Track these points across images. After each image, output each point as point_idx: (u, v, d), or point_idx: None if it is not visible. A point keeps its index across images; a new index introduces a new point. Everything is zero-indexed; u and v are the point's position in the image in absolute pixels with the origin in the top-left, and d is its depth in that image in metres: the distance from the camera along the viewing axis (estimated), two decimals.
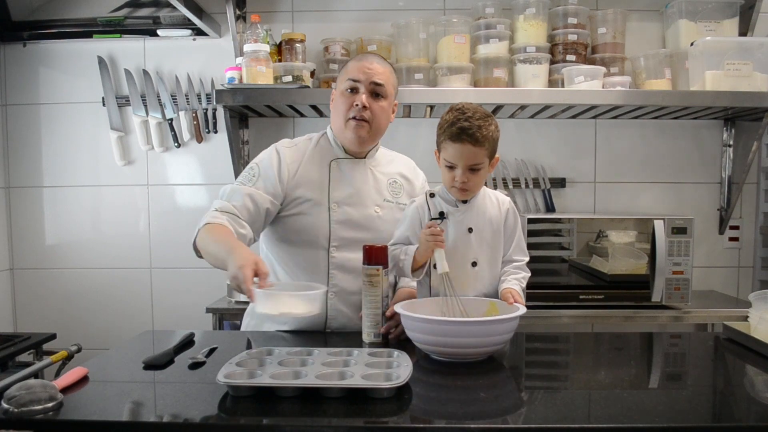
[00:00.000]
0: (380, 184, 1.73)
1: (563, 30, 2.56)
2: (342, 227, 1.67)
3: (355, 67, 1.67)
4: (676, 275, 2.30)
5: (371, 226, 1.69)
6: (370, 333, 1.53)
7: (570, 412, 1.12)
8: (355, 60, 1.70)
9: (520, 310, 1.40)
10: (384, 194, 1.73)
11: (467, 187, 1.53)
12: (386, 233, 1.67)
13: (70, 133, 2.78)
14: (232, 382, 1.15)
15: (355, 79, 1.64)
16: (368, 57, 1.70)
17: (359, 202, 1.69)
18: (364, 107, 1.63)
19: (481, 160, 1.50)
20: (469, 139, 1.47)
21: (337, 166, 1.71)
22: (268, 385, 1.14)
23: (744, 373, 1.40)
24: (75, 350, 1.84)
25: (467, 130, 1.47)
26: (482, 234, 1.58)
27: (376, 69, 1.66)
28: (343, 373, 1.21)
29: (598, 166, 2.76)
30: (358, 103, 1.63)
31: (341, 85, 1.68)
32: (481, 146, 1.48)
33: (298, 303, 1.33)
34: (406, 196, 1.76)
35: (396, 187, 1.76)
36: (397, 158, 1.84)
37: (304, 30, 2.58)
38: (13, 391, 1.06)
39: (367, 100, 1.64)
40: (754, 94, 2.34)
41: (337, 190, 1.69)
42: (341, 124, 1.67)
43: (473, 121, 1.47)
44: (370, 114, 1.65)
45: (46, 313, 2.81)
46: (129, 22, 2.67)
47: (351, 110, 1.64)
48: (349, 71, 1.67)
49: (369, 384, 1.14)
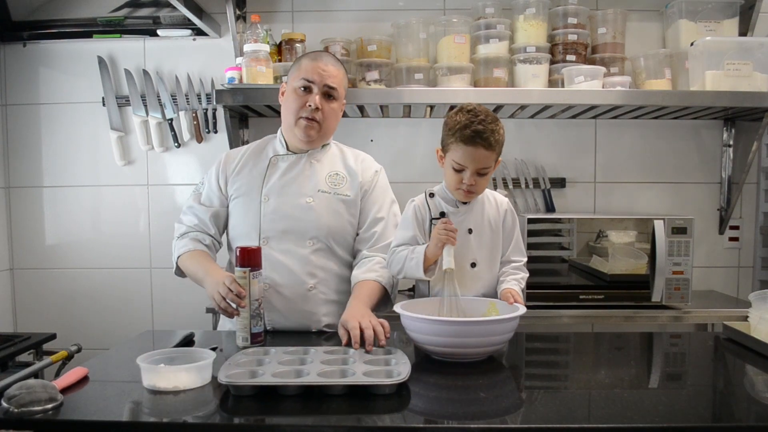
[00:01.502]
0: (317, 175, 1.74)
1: (563, 30, 2.56)
2: (271, 218, 1.69)
3: (310, 66, 1.68)
4: (676, 275, 2.30)
5: (301, 216, 1.69)
6: (240, 336, 1.50)
7: (570, 412, 1.12)
8: (310, 58, 1.70)
9: (520, 310, 1.40)
10: (319, 185, 1.73)
11: (474, 190, 1.53)
12: (317, 223, 1.68)
13: (70, 133, 2.78)
14: (235, 382, 1.15)
15: (310, 79, 1.66)
16: (323, 57, 1.71)
17: (289, 192, 1.71)
18: (316, 108, 1.66)
19: (490, 164, 1.51)
20: (483, 143, 1.47)
21: (275, 162, 1.76)
22: (272, 384, 1.15)
23: (744, 373, 1.40)
24: (75, 350, 1.84)
25: (482, 134, 1.46)
26: (481, 235, 1.58)
27: (331, 71, 1.68)
28: (344, 370, 1.21)
29: (598, 166, 2.76)
30: (311, 104, 1.66)
31: (294, 81, 1.69)
32: (493, 150, 1.49)
33: (184, 375, 1.20)
34: (347, 187, 1.75)
35: (336, 179, 1.75)
36: (350, 153, 1.83)
37: (304, 30, 2.58)
38: (13, 391, 1.06)
39: (320, 101, 1.67)
40: (754, 94, 2.34)
41: (269, 183, 1.73)
42: (291, 121, 1.70)
43: (487, 125, 1.47)
44: (321, 115, 1.68)
45: (46, 313, 2.80)
46: (129, 22, 2.67)
47: (303, 109, 1.67)
48: (303, 69, 1.68)
49: (373, 381, 1.15)
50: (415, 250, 1.53)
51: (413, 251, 1.54)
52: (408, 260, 1.53)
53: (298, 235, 1.69)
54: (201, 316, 2.38)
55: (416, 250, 1.53)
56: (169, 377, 1.18)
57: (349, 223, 1.74)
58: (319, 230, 1.69)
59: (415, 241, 1.58)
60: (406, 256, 1.55)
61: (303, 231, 1.69)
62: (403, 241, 1.60)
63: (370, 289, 1.65)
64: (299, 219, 1.69)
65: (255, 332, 1.49)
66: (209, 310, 2.39)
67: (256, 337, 1.50)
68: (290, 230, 1.68)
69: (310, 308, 1.68)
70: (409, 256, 1.54)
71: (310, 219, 1.69)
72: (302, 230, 1.69)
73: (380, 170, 1.84)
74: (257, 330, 1.50)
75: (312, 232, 1.69)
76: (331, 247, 1.72)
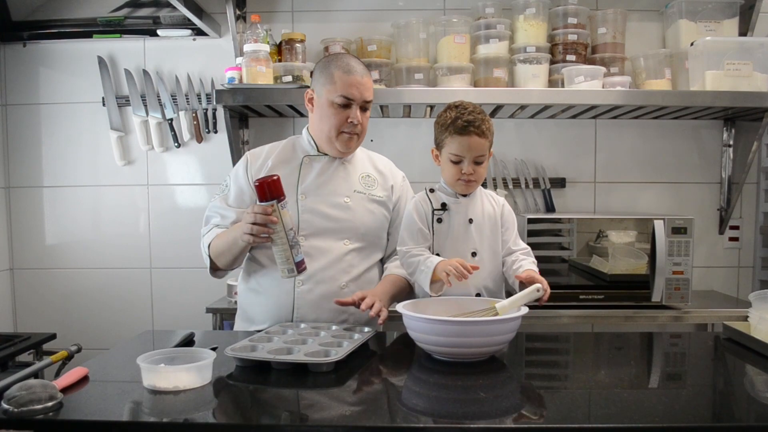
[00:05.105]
0: (351, 176, 1.77)
1: (563, 30, 2.56)
2: (310, 216, 1.71)
3: (347, 82, 1.67)
4: (676, 275, 2.30)
5: (339, 215, 1.72)
6: (284, 269, 1.52)
7: (570, 412, 1.12)
8: (342, 71, 1.68)
9: (521, 311, 1.40)
10: (354, 186, 1.76)
11: (474, 179, 1.59)
12: (353, 222, 1.72)
13: (70, 133, 2.78)
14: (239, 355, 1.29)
15: (350, 96, 1.67)
16: (355, 68, 1.69)
17: (327, 192, 1.74)
18: (358, 123, 1.69)
19: (485, 152, 1.59)
20: (476, 131, 1.55)
21: (309, 163, 1.77)
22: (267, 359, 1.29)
23: (744, 373, 1.40)
24: (75, 350, 1.84)
25: (473, 122, 1.55)
26: (482, 226, 1.63)
27: (367, 84, 1.71)
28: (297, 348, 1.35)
29: (598, 166, 2.76)
30: (354, 121, 1.68)
31: (330, 96, 1.68)
32: (486, 138, 1.57)
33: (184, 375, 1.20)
34: (380, 189, 1.80)
35: (369, 181, 1.80)
36: (375, 157, 1.89)
37: (304, 30, 2.58)
38: (13, 391, 1.06)
39: (360, 115, 1.70)
40: (754, 94, 2.34)
41: (306, 182, 1.74)
42: (331, 134, 1.71)
43: (476, 115, 1.57)
44: (361, 128, 1.72)
45: (46, 313, 2.80)
46: (129, 22, 2.67)
47: (345, 125, 1.69)
48: (340, 86, 1.67)
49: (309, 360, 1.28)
50: (428, 261, 1.55)
51: (426, 261, 1.56)
52: (419, 271, 1.57)
53: (334, 233, 1.72)
54: (201, 316, 2.38)
55: (428, 261, 1.55)
56: (169, 377, 1.18)
57: (382, 223, 1.79)
58: (355, 229, 1.73)
59: (421, 235, 1.61)
60: (418, 264, 1.58)
61: (340, 230, 1.72)
62: (411, 238, 1.63)
63: (397, 281, 1.73)
64: (337, 218, 1.72)
65: (298, 261, 1.51)
66: (209, 310, 2.39)
67: (300, 265, 1.51)
68: (328, 228, 1.71)
69: (342, 307, 1.69)
70: (419, 267, 1.57)
71: (347, 218, 1.73)
72: (339, 229, 1.72)
73: (405, 177, 1.91)
74: (300, 258, 1.51)
75: (348, 231, 1.73)
76: (364, 246, 1.75)
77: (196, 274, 2.73)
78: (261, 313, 1.73)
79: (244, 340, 1.41)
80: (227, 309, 2.38)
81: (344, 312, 1.69)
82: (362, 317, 1.69)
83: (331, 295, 1.67)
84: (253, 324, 1.74)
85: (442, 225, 1.62)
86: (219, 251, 1.72)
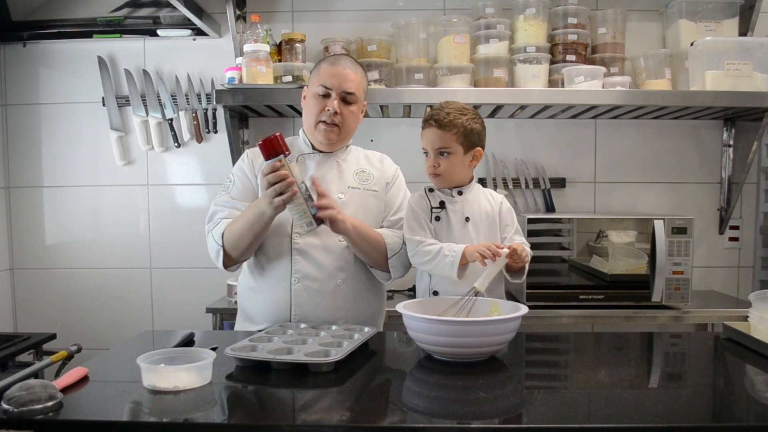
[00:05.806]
0: (345, 173, 1.77)
1: (563, 30, 2.56)
2: None
3: (328, 72, 1.70)
4: (676, 275, 2.30)
5: None
6: (303, 224, 1.51)
7: (570, 412, 1.12)
8: (328, 63, 1.72)
9: (521, 310, 1.40)
10: (349, 182, 1.76)
11: (439, 172, 1.61)
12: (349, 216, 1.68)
13: (70, 133, 2.78)
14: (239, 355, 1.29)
15: (327, 85, 1.68)
16: (341, 61, 1.72)
17: None
18: (335, 113, 1.68)
19: (448, 144, 1.59)
20: (435, 123, 1.59)
21: (303, 160, 1.77)
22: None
23: (744, 373, 1.40)
24: (75, 350, 1.83)
25: (434, 116, 1.60)
26: (479, 225, 1.64)
27: (349, 76, 1.70)
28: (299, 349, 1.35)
29: (598, 166, 2.76)
30: (330, 109, 1.68)
31: (313, 87, 1.72)
32: (446, 130, 1.58)
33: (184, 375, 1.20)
34: (375, 183, 1.80)
35: (363, 176, 1.79)
36: (370, 154, 1.89)
37: (304, 30, 2.58)
38: (13, 391, 1.06)
39: (338, 105, 1.69)
40: (754, 94, 2.34)
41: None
42: (312, 124, 1.73)
43: (443, 109, 1.60)
44: (340, 119, 1.70)
45: (46, 313, 2.81)
46: (129, 22, 2.67)
47: (322, 114, 1.70)
48: (322, 75, 1.70)
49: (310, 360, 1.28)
50: (450, 247, 1.55)
51: (447, 247, 1.55)
52: (442, 256, 1.55)
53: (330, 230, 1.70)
54: (201, 316, 2.38)
55: (451, 247, 1.55)
56: (169, 377, 1.18)
57: (377, 216, 1.79)
58: None
59: (426, 224, 1.62)
60: (439, 250, 1.56)
61: None
62: (420, 227, 1.62)
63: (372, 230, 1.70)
64: None
65: (315, 213, 1.50)
66: (209, 310, 2.39)
67: (317, 217, 1.50)
68: None
69: (338, 304, 1.70)
70: (443, 252, 1.55)
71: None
72: None
73: (398, 168, 1.90)
74: (315, 210, 1.50)
75: None
76: None
77: (196, 274, 2.73)
78: (260, 312, 1.73)
79: (244, 340, 1.41)
80: (227, 309, 2.38)
81: (342, 309, 1.69)
82: (360, 314, 1.70)
83: (327, 292, 1.67)
84: (253, 323, 1.74)
85: (439, 223, 1.63)
86: (238, 235, 1.65)
